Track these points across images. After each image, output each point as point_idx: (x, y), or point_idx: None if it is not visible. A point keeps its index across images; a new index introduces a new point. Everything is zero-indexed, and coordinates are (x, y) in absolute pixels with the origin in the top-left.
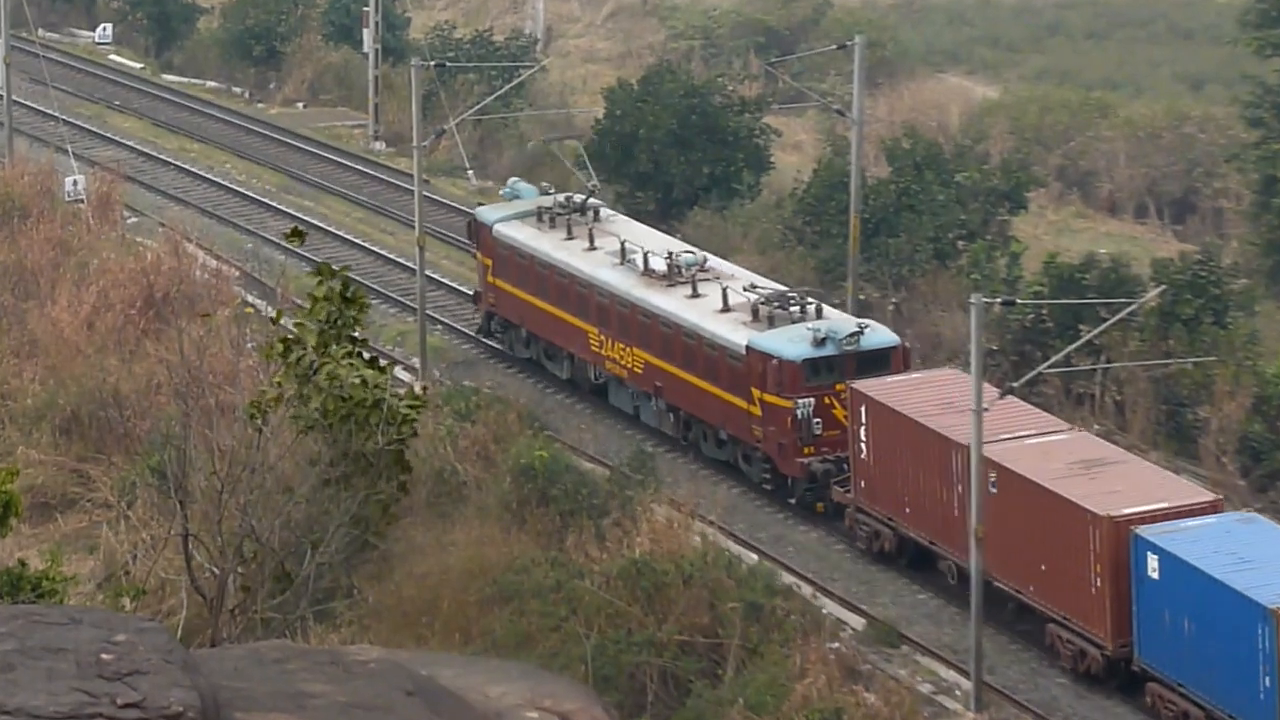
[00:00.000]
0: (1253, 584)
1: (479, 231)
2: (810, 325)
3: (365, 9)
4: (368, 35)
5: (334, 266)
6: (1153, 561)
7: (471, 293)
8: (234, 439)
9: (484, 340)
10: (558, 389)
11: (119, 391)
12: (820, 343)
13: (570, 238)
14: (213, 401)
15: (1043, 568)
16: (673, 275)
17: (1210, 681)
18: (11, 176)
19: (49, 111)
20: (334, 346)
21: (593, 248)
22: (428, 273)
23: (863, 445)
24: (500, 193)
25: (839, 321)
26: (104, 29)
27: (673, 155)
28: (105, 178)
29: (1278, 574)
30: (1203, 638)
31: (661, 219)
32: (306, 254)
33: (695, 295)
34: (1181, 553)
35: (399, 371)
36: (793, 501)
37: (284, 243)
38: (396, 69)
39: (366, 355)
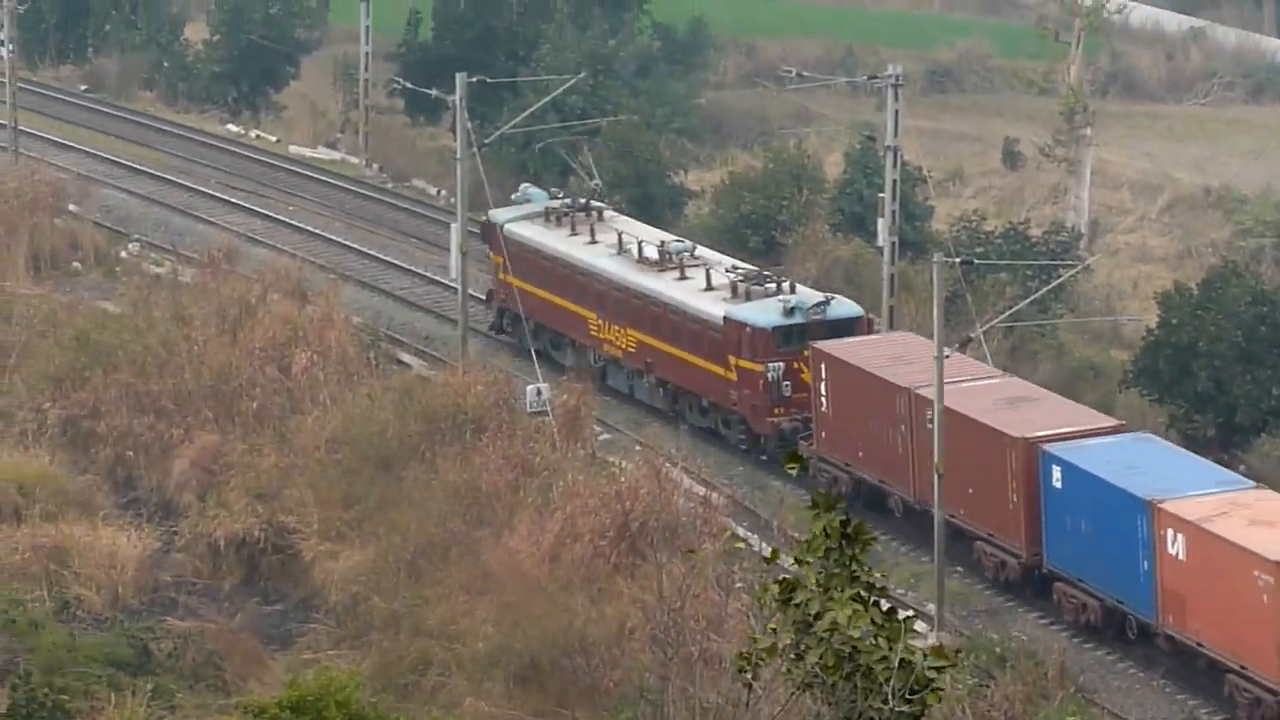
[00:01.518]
0: (1135, 483)
1: (492, 232)
2: (781, 298)
3: (880, 195)
4: (882, 226)
5: (832, 498)
6: (1056, 472)
7: (485, 294)
8: (720, 695)
9: (496, 336)
10: (1096, 642)
11: (586, 636)
12: (789, 313)
13: (574, 234)
14: (695, 650)
15: (970, 491)
16: (663, 261)
17: (1102, 573)
18: (465, 385)
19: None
20: (838, 590)
21: (593, 241)
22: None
23: (823, 399)
24: (512, 197)
25: (808, 295)
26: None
27: (1237, 373)
28: (573, 388)
29: (1158, 477)
30: (1096, 535)
31: (1223, 447)
32: (805, 483)
33: (683, 277)
34: (1079, 462)
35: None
36: (764, 458)
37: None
38: (916, 265)
39: (881, 602)
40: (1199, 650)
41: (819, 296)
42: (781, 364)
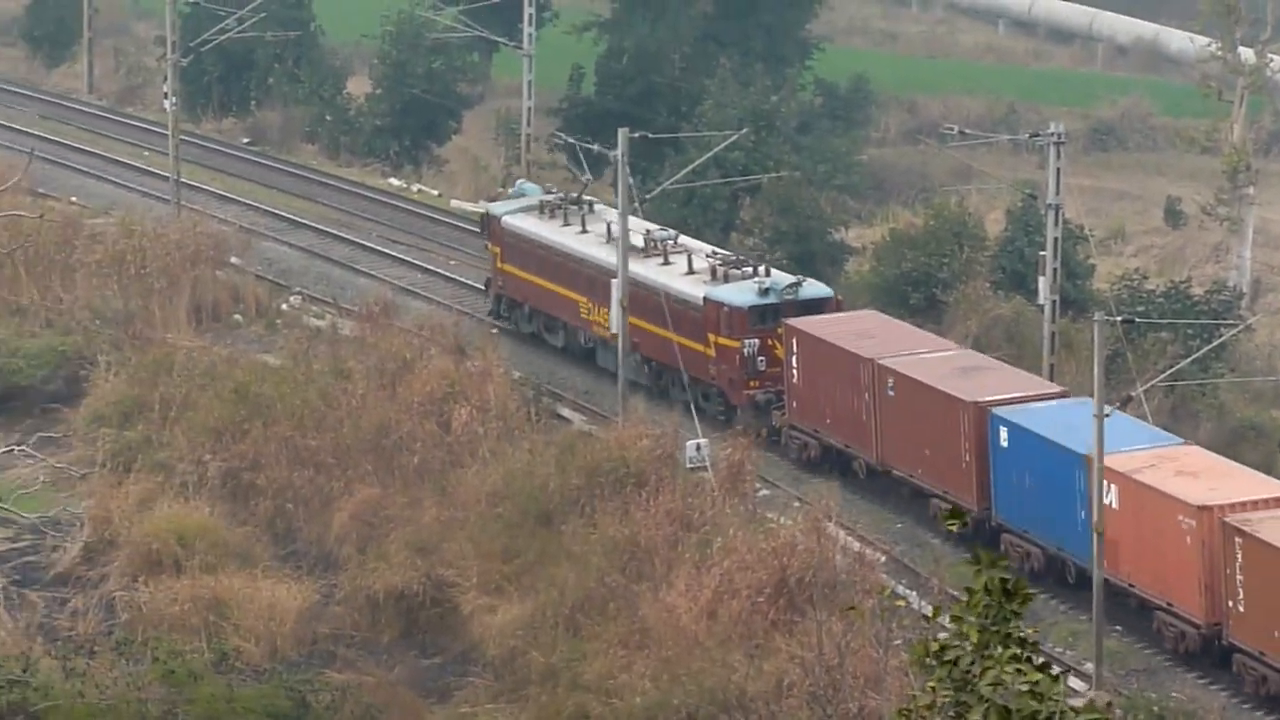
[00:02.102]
0: (1074, 440)
1: (490, 224)
2: (756, 280)
3: (1041, 253)
4: (1043, 284)
5: (992, 555)
6: (1004, 433)
7: (484, 282)
8: None
9: (494, 322)
10: (1258, 705)
11: (744, 692)
12: (764, 293)
13: (566, 224)
14: (853, 708)
15: (927, 453)
16: (649, 248)
17: (1044, 524)
18: (628, 439)
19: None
20: (997, 648)
21: (584, 231)
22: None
23: (794, 372)
24: (508, 191)
25: (781, 278)
26: None
27: None
28: (735, 443)
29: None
30: (1038, 489)
31: None
32: (964, 538)
33: (666, 263)
34: (1024, 422)
35: (1071, 680)
36: (739, 427)
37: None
38: (1077, 323)
39: (1036, 659)
40: (1130, 591)
41: (791, 279)
42: (757, 340)
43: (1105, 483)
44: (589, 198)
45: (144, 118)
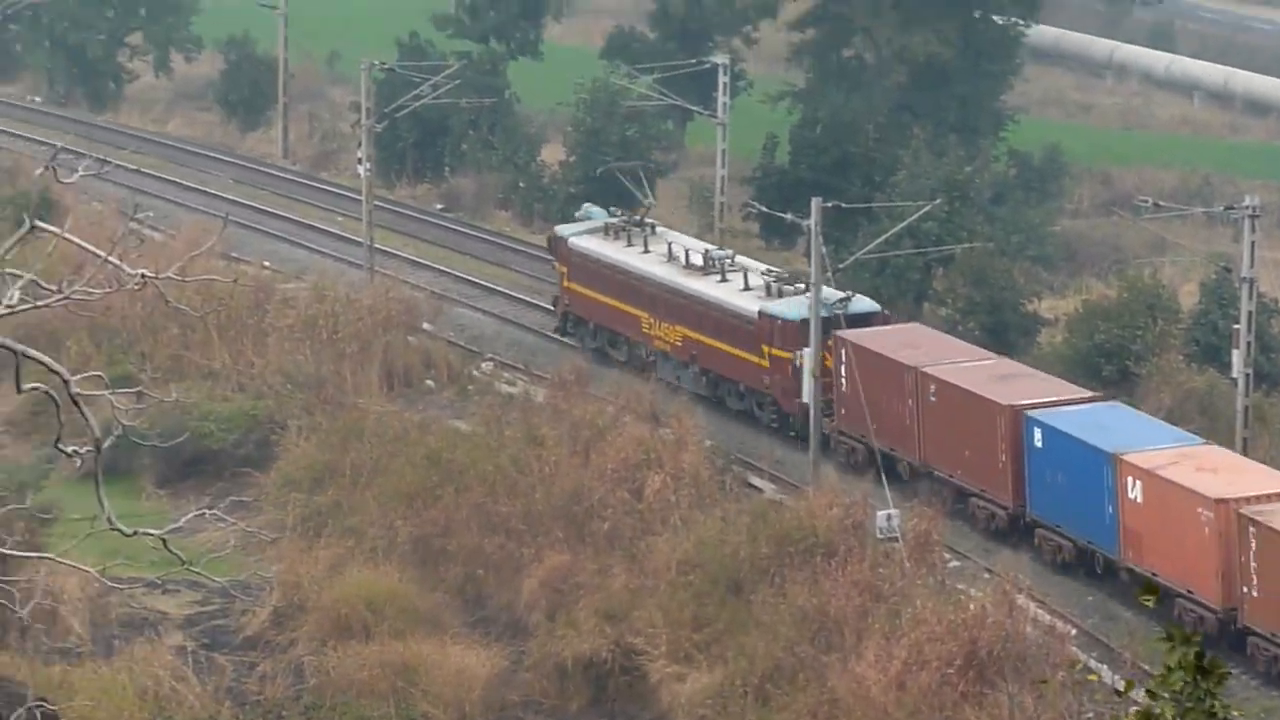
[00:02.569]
0: (1103, 440)
1: (557, 245)
2: (806, 296)
3: (1235, 327)
4: (1237, 357)
5: (1187, 630)
6: (1038, 434)
7: (552, 300)
8: None
9: (561, 339)
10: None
11: None
12: None
13: (630, 245)
14: None
15: (966, 454)
16: (707, 266)
17: (1074, 519)
18: (818, 508)
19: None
20: None
21: (646, 251)
22: None
23: (843, 381)
24: (576, 215)
25: (831, 293)
26: None
27: None
28: (925, 514)
29: (1122, 436)
30: (1069, 486)
31: None
32: (1158, 615)
33: (724, 280)
34: (1056, 424)
35: None
36: (793, 434)
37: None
38: (1270, 397)
39: None
40: (1153, 580)
41: (841, 294)
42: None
43: (1130, 478)
44: (650, 220)
45: (338, 183)
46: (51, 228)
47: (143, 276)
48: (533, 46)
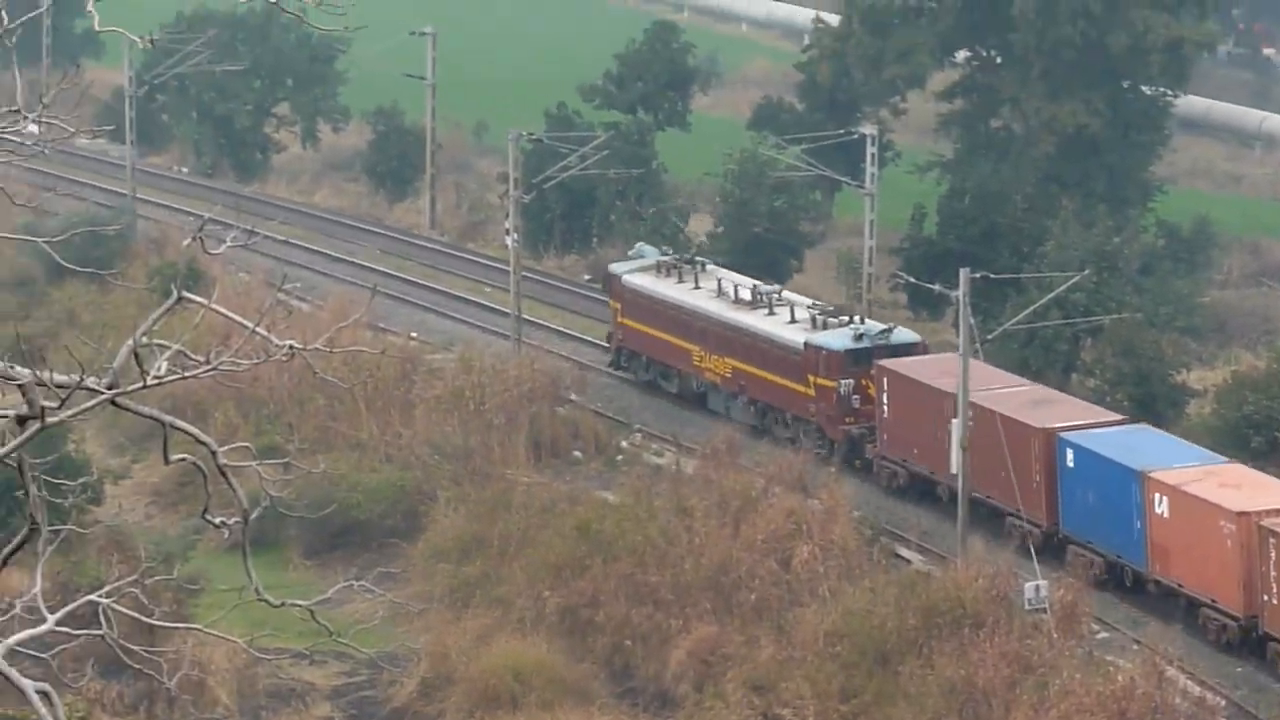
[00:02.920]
0: (1131, 459)
1: (611, 282)
2: (852, 327)
3: None
4: None
5: None
6: (1070, 454)
7: (606, 335)
8: None
9: (614, 372)
10: None
11: None
12: (858, 338)
13: (681, 281)
14: None
15: (1003, 475)
16: (755, 301)
17: (1105, 535)
18: (965, 579)
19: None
20: None
21: (697, 287)
22: None
23: (885, 407)
24: (629, 253)
25: (873, 325)
26: None
27: None
28: (1071, 585)
29: (1149, 455)
30: (1099, 504)
31: None
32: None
33: (771, 313)
34: (1087, 445)
35: None
36: (836, 459)
37: None
38: None
39: None
40: (1180, 591)
41: (882, 326)
42: (851, 381)
43: (1157, 495)
44: (700, 258)
45: (485, 254)
46: (199, 299)
47: (290, 348)
48: (680, 117)
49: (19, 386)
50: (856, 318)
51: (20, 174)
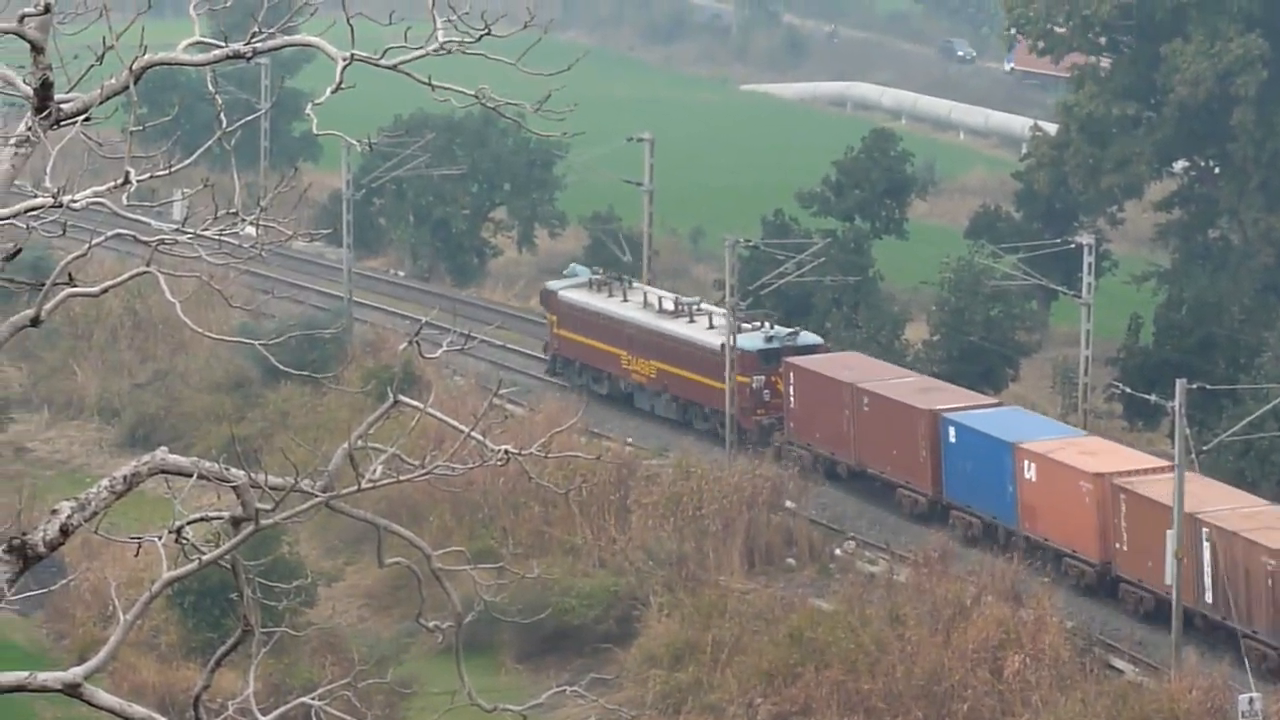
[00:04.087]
0: (1005, 433)
1: (548, 298)
2: (762, 332)
3: None
4: None
5: None
6: (951, 431)
7: (543, 345)
8: None
9: (551, 379)
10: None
11: None
12: (769, 340)
13: (610, 296)
14: None
15: (894, 452)
16: (677, 311)
17: (982, 499)
18: (1179, 691)
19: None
20: None
21: (625, 300)
22: None
23: (792, 399)
24: (563, 272)
25: (782, 330)
26: None
27: None
28: None
29: (1019, 430)
30: (977, 473)
31: None
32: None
33: (691, 321)
34: (967, 423)
35: None
36: (749, 447)
37: None
38: None
39: None
40: (1046, 545)
41: (789, 330)
42: (763, 377)
43: (1026, 462)
44: (626, 276)
45: None
46: (414, 402)
47: (505, 453)
48: (898, 225)
49: (234, 488)
50: (765, 323)
51: (238, 276)
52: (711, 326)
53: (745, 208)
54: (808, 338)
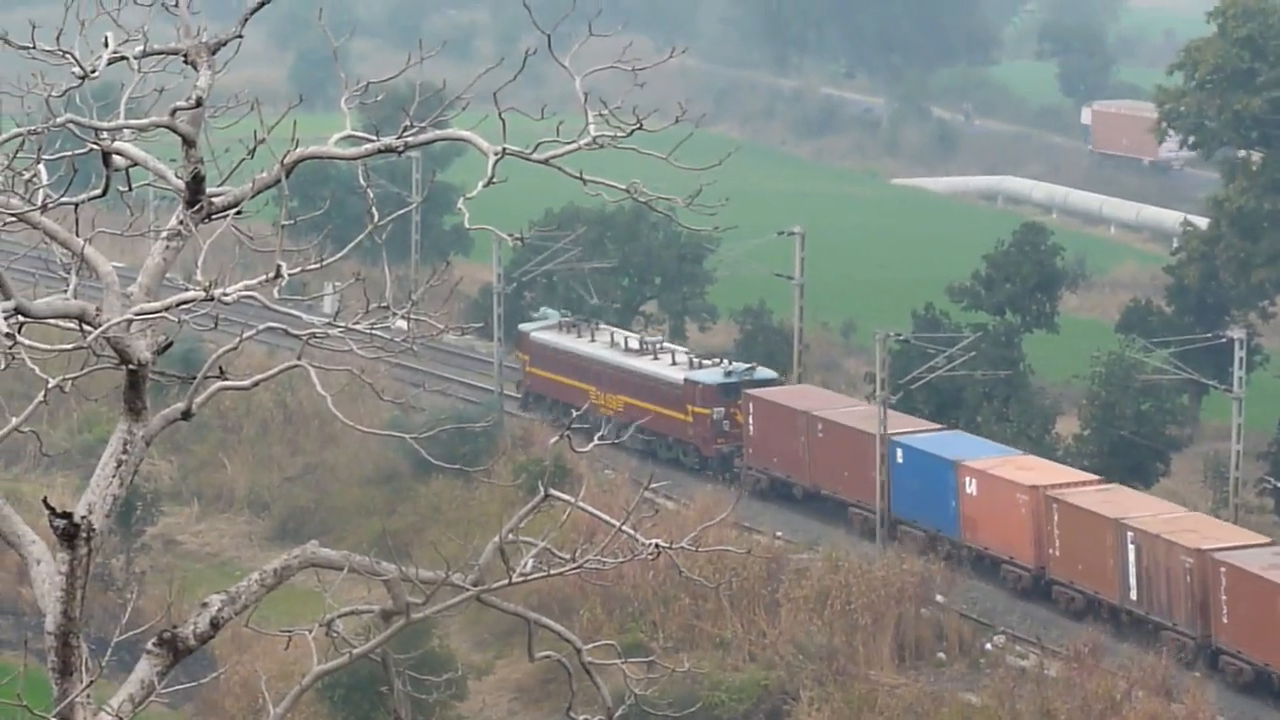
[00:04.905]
0: (948, 453)
1: (521, 339)
2: (722, 367)
3: None
4: None
5: None
6: (899, 453)
7: (516, 383)
8: None
9: (524, 414)
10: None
11: None
12: (728, 374)
13: (579, 336)
14: None
15: (846, 474)
16: (642, 349)
17: (927, 514)
18: None
19: None
20: None
21: (593, 340)
22: None
23: (751, 426)
24: (534, 316)
25: (739, 366)
26: None
27: None
28: None
29: (961, 450)
30: (923, 490)
31: None
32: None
33: (656, 359)
34: (914, 444)
35: None
36: (710, 472)
37: None
38: None
39: None
40: (986, 553)
41: (746, 365)
42: (723, 409)
43: (968, 478)
44: (593, 319)
45: None
46: (565, 496)
47: (656, 546)
48: (1048, 319)
49: (384, 582)
50: (724, 361)
51: (389, 370)
52: (675, 362)
53: (896, 301)
54: (764, 373)
